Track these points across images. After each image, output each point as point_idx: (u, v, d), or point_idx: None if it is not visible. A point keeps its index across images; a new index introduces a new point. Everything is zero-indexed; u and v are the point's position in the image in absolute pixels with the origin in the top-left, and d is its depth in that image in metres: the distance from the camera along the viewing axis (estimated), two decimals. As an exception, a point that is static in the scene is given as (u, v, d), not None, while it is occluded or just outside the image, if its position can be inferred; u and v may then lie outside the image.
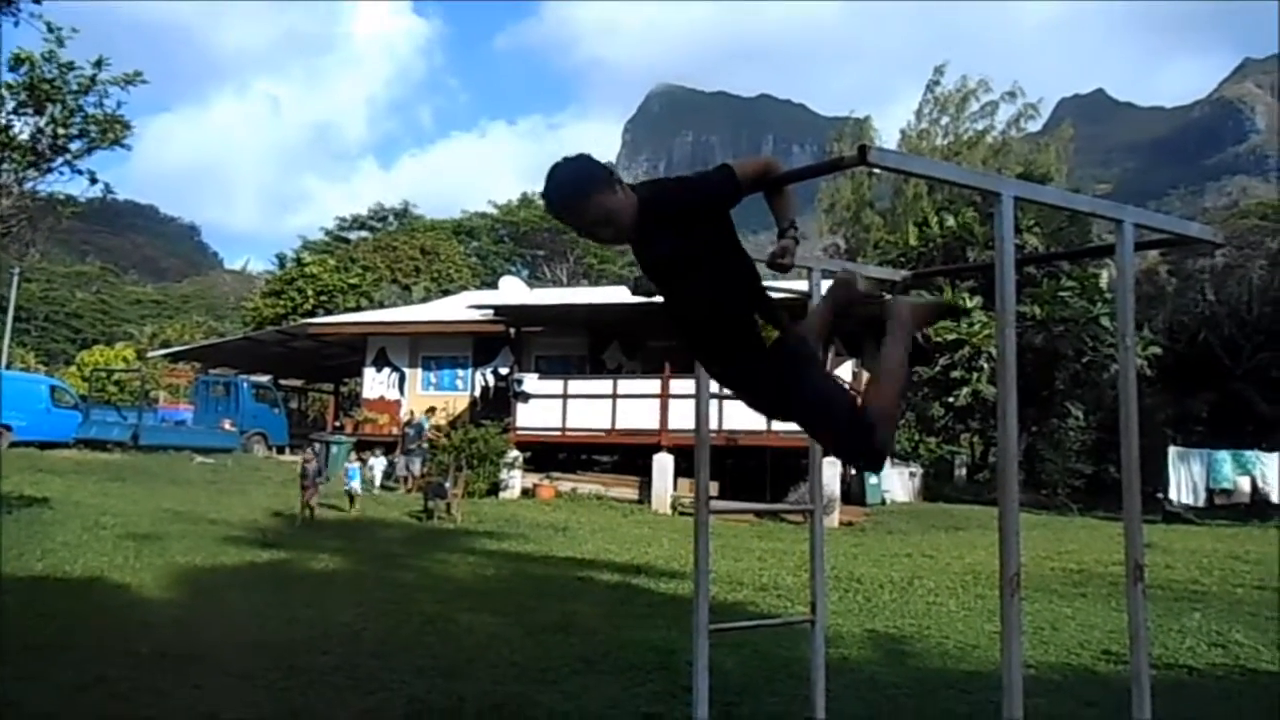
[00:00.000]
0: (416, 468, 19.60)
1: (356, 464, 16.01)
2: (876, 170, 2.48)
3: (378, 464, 18.14)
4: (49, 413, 23.68)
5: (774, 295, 3.35)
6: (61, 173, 11.01)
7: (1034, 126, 46.27)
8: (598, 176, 2.50)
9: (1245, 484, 20.84)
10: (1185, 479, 20.92)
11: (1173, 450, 21.25)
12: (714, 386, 3.37)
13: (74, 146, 10.79)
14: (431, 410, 21.93)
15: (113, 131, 10.86)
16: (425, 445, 19.95)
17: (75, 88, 10.57)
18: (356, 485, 15.31)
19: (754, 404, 2.80)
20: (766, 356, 2.66)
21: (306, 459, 14.03)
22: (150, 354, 38.25)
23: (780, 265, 2.64)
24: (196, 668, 5.43)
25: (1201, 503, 20.80)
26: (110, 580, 8.11)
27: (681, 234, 2.54)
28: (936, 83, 42.79)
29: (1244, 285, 28.78)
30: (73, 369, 40.74)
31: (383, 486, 18.22)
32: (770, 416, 3.05)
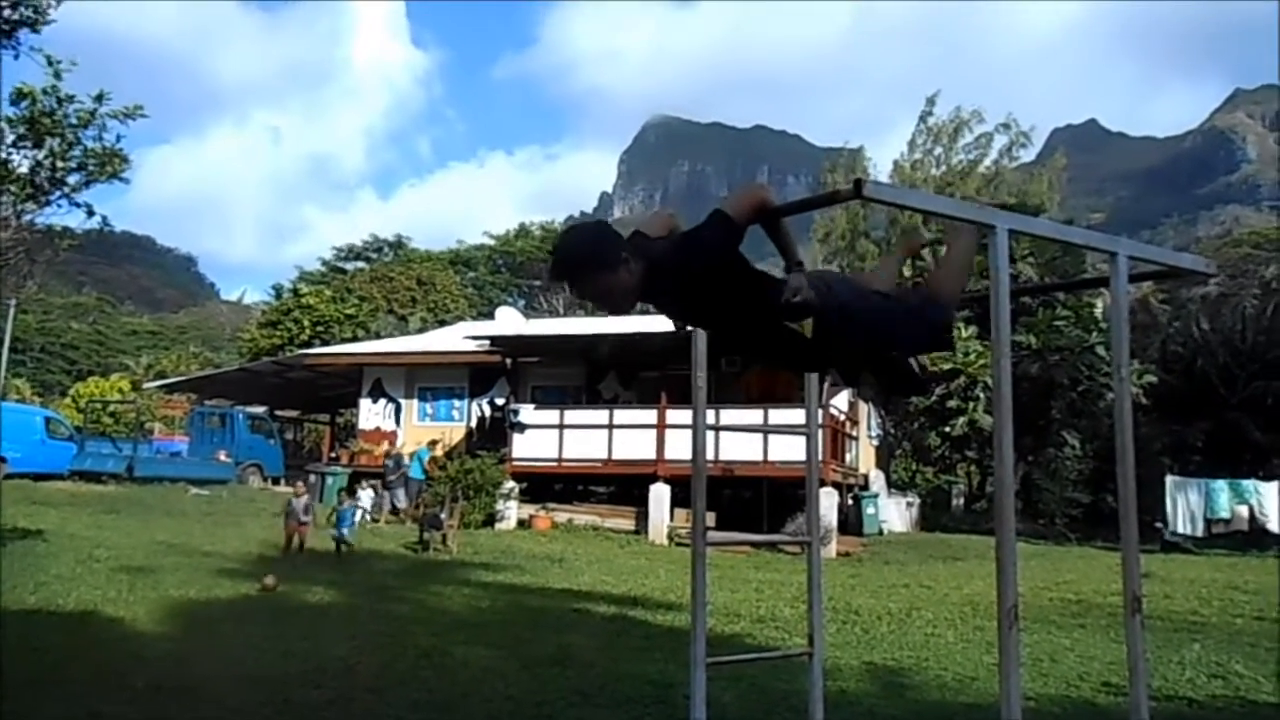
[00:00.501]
0: (401, 500, 19.43)
1: (349, 505, 14.21)
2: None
3: (365, 496, 17.93)
4: (44, 444, 23.59)
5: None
6: (59, 205, 11.03)
7: (1027, 156, 46.72)
8: (606, 257, 2.48)
9: (1243, 513, 20.81)
10: (1183, 508, 20.87)
11: (1170, 479, 21.22)
12: (710, 417, 3.38)
13: (72, 180, 10.81)
14: (434, 443, 21.88)
15: (111, 165, 10.89)
16: (406, 477, 19.86)
17: (75, 121, 10.61)
18: (347, 532, 13.33)
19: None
20: (815, 344, 2.70)
21: (297, 491, 12.96)
22: (146, 385, 38.22)
23: (795, 308, 2.58)
24: (190, 702, 5.38)
25: (1200, 532, 20.74)
26: (104, 614, 8.05)
27: (692, 290, 2.56)
28: (929, 113, 43.22)
29: (1238, 314, 28.88)
30: (68, 400, 40.71)
31: (371, 519, 18.08)
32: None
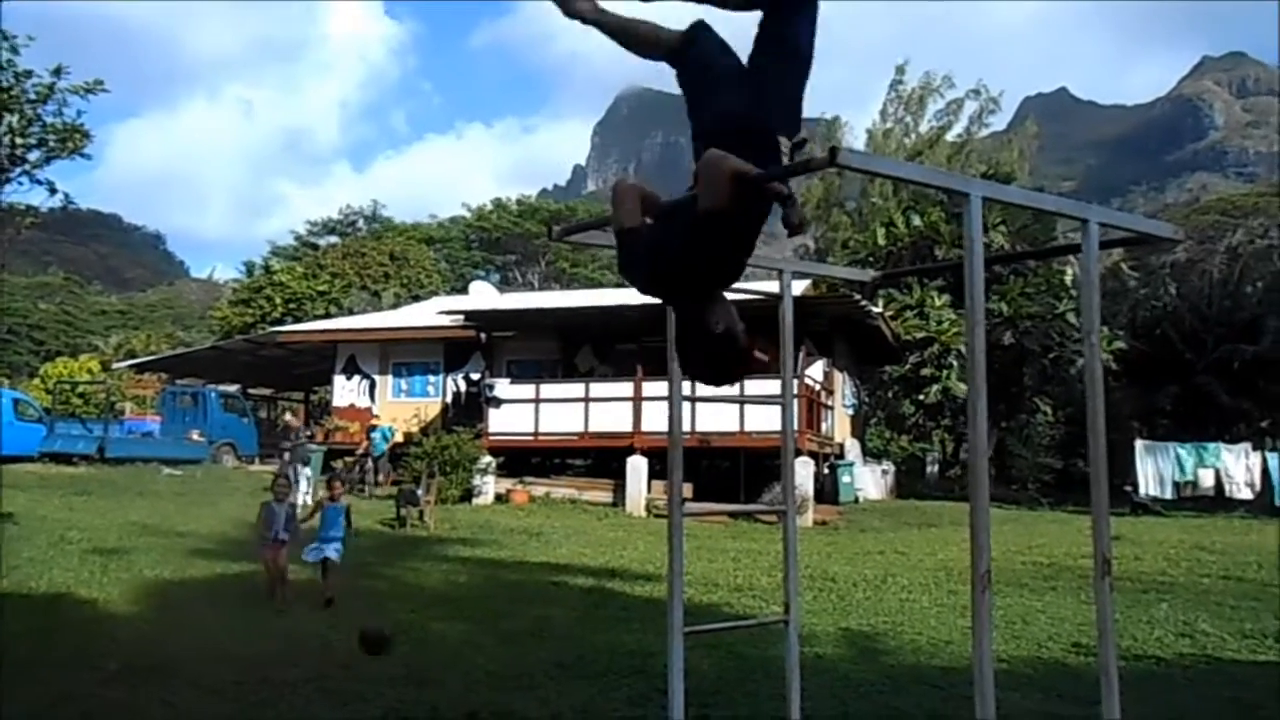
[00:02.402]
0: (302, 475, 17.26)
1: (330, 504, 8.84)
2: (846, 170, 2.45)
3: (305, 472, 16.52)
4: (12, 426, 23.25)
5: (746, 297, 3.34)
6: (20, 183, 10.85)
7: (999, 125, 46.78)
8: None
9: (1209, 477, 21.20)
10: (1152, 472, 21.25)
11: (1139, 444, 21.56)
12: (686, 388, 3.37)
13: (33, 156, 10.63)
14: (371, 424, 21.97)
15: (72, 141, 10.72)
16: (309, 448, 18.89)
17: (33, 96, 10.41)
18: (333, 552, 8.32)
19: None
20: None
21: (277, 492, 8.78)
22: (115, 365, 37.70)
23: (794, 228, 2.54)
24: (166, 682, 5.36)
25: (1169, 495, 21.13)
26: (77, 595, 7.99)
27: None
28: (900, 82, 43.11)
29: (1205, 280, 29.22)
30: (36, 381, 40.03)
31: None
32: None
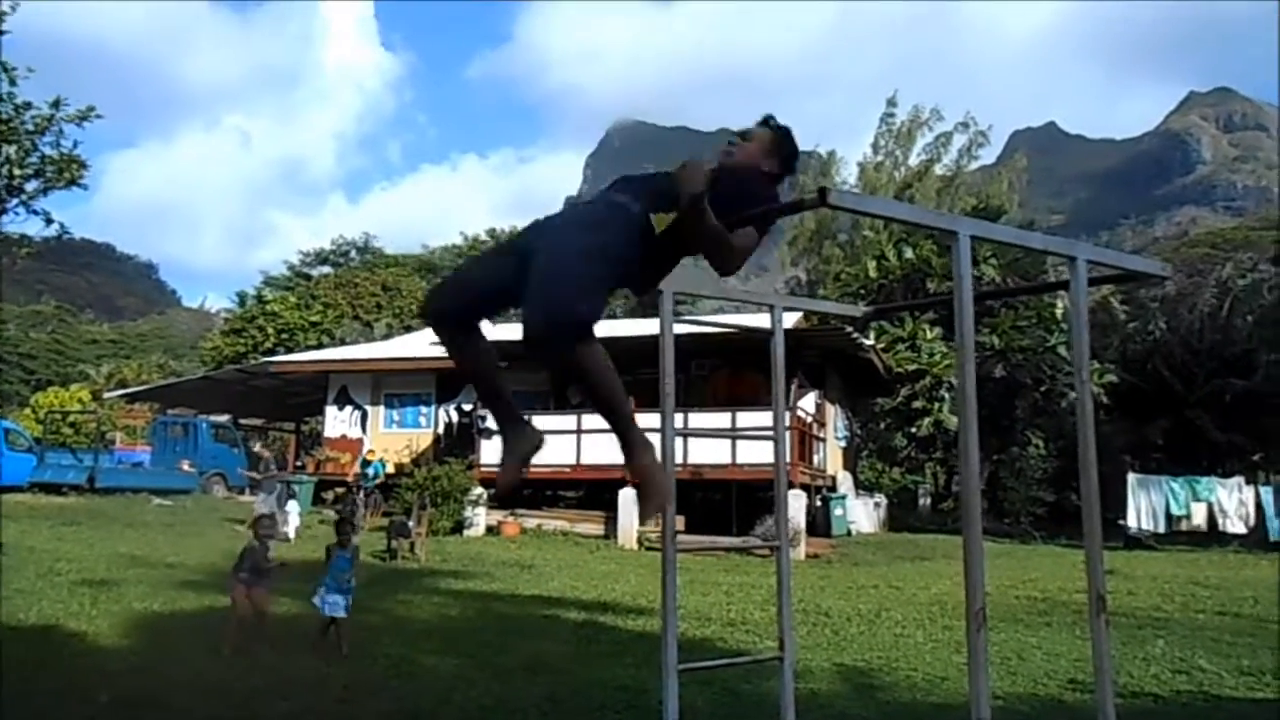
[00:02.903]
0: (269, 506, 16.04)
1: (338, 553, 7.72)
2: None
3: (293, 505, 16.73)
4: (2, 456, 23.12)
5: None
6: (16, 213, 10.88)
7: (988, 158, 47.11)
8: None
9: (1202, 511, 21.22)
10: (1145, 506, 21.25)
11: (1132, 477, 21.58)
12: (678, 421, 3.38)
13: (30, 187, 10.67)
14: (365, 458, 22.25)
15: (69, 171, 10.77)
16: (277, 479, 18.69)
17: (31, 128, 10.47)
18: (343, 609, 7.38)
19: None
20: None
21: (257, 530, 7.99)
22: (106, 395, 37.54)
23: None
24: (155, 716, 5.30)
25: (1162, 529, 21.13)
26: (66, 628, 7.91)
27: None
28: (890, 115, 43.45)
29: (1195, 313, 29.35)
30: (27, 411, 39.89)
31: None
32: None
